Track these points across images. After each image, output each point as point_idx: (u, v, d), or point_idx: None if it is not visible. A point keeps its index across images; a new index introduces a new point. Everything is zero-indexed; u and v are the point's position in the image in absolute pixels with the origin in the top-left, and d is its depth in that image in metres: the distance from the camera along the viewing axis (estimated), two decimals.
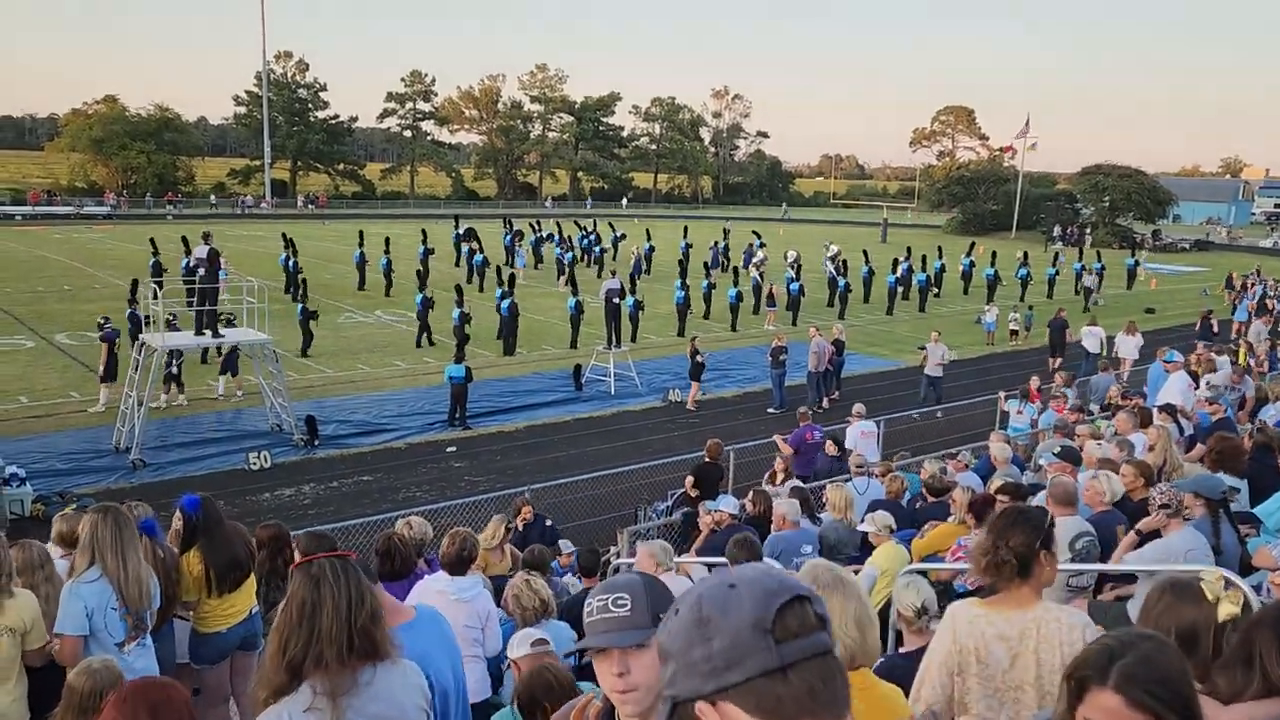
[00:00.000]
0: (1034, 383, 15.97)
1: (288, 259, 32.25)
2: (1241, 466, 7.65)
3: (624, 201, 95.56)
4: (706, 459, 12.18)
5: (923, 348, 21.65)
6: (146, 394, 16.33)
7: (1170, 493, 5.84)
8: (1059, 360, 24.52)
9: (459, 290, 24.97)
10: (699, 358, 20.65)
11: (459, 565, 5.65)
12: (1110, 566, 5.81)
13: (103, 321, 19.19)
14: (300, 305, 24.31)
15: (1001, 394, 17.27)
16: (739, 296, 30.10)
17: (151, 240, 30.96)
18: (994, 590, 3.44)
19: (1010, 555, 3.29)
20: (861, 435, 14.38)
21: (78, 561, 4.93)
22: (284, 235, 34.59)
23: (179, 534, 5.91)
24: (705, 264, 33.98)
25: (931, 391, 20.99)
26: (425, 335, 25.79)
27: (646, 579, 2.21)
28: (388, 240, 35.81)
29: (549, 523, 10.63)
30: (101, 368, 18.82)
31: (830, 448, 13.28)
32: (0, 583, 4.67)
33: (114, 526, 4.87)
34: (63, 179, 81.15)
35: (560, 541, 10.43)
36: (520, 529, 9.85)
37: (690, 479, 11.71)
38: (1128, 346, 23.15)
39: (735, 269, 33.33)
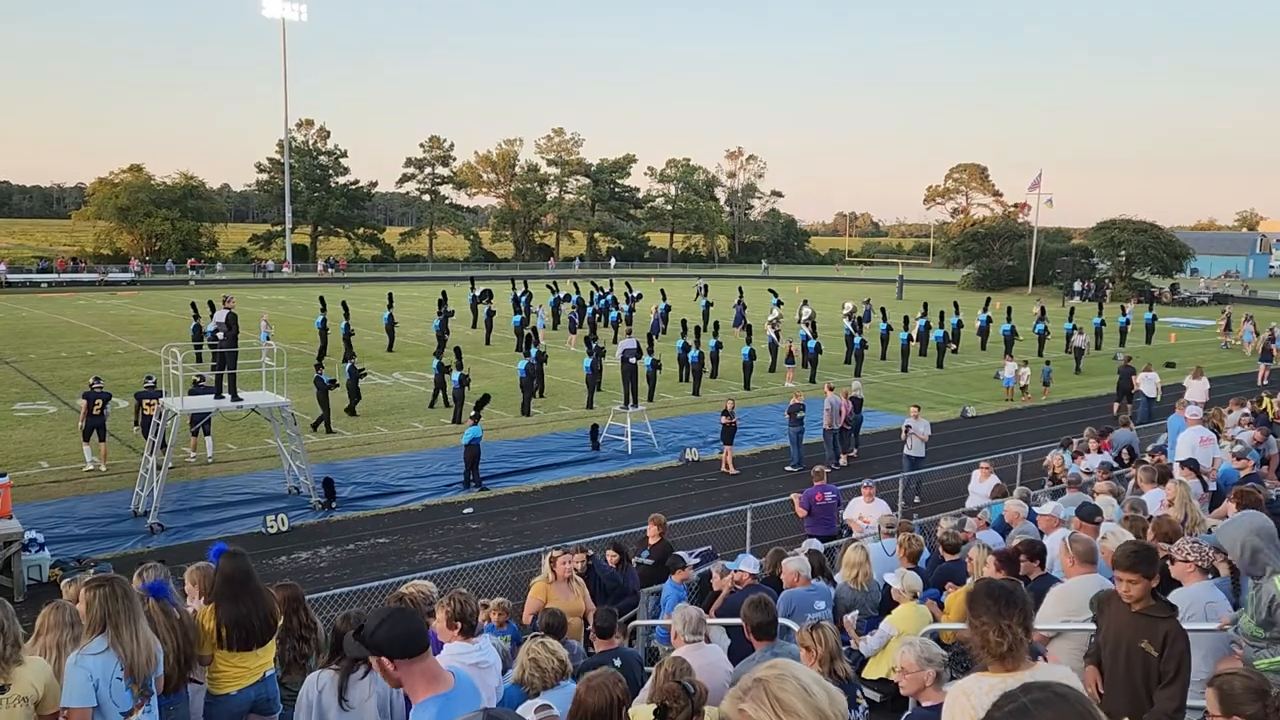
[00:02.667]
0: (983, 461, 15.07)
1: (343, 324, 32.32)
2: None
3: (612, 263, 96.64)
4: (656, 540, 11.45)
5: (907, 425, 18.89)
6: (166, 458, 16.42)
7: (1191, 546, 5.79)
8: (1126, 405, 25.82)
9: (458, 353, 25.35)
10: (727, 419, 20.39)
11: (465, 628, 5.58)
12: None
13: (93, 382, 19.45)
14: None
15: (983, 464, 15.43)
16: (752, 354, 30.15)
17: (193, 305, 31.57)
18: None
19: (1022, 632, 3.53)
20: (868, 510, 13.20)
21: (86, 633, 4.89)
22: (329, 301, 34.61)
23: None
24: (715, 323, 34.12)
25: (909, 468, 18.50)
26: (441, 395, 26.00)
27: None
28: (441, 300, 35.93)
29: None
30: (80, 425, 19.25)
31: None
32: (6, 652, 4.54)
33: (123, 598, 4.85)
34: (88, 246, 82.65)
35: (679, 554, 10.19)
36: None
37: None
38: (1196, 390, 23.22)
39: (749, 327, 33.43)
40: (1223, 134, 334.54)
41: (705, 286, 46.48)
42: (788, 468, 20.59)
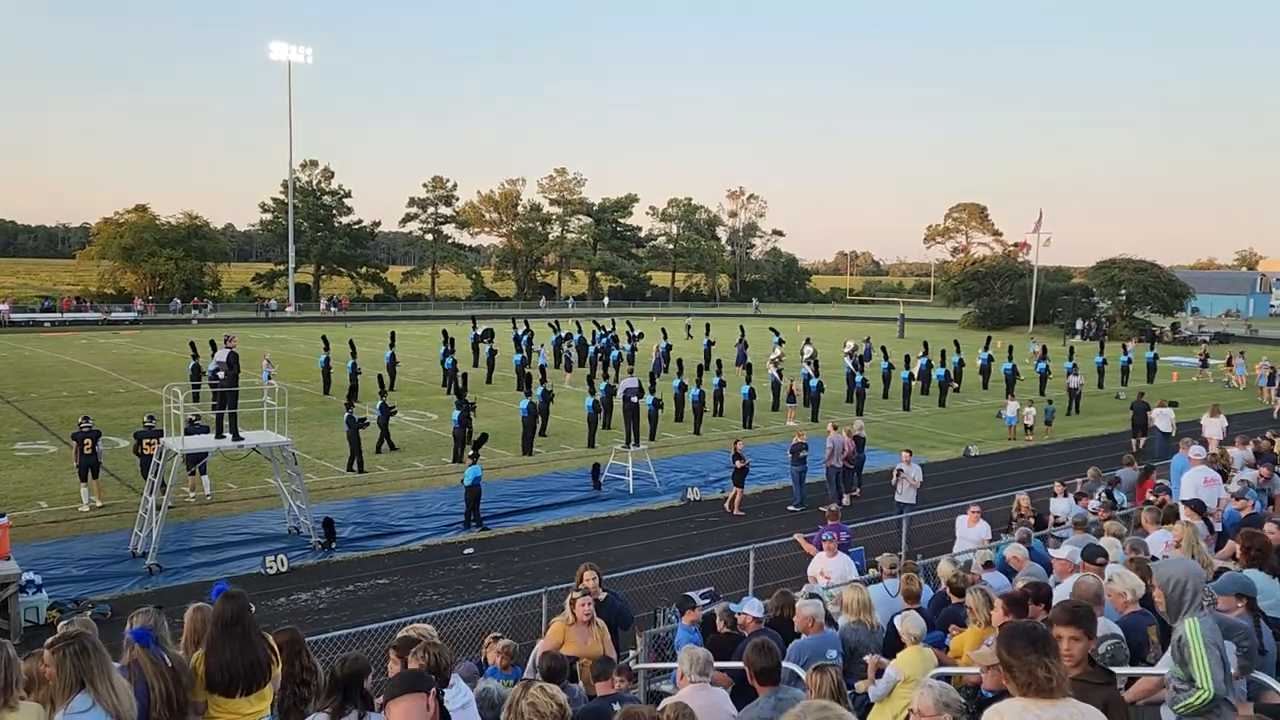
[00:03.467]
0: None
1: (350, 363, 32.35)
2: (1274, 563, 7.46)
3: (606, 301, 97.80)
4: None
5: (899, 470, 18.65)
6: (165, 498, 16.35)
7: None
8: (1141, 441, 26.38)
9: (459, 393, 25.33)
10: (740, 462, 20.20)
11: (441, 681, 5.51)
12: (1136, 670, 5.64)
13: (81, 422, 19.42)
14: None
15: (973, 508, 14.91)
16: (751, 393, 30.10)
17: (191, 344, 31.70)
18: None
19: (1059, 668, 3.74)
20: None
21: (61, 694, 4.78)
22: (332, 340, 34.76)
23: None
24: (718, 362, 34.14)
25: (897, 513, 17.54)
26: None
27: None
28: (452, 341, 36.43)
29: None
30: (74, 465, 19.28)
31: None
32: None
33: (94, 653, 4.77)
34: (92, 286, 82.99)
35: (689, 594, 9.95)
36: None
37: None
38: (1212, 428, 23.17)
39: (749, 365, 33.41)
40: (1222, 174, 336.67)
41: (706, 326, 46.54)
42: (790, 507, 20.48)
